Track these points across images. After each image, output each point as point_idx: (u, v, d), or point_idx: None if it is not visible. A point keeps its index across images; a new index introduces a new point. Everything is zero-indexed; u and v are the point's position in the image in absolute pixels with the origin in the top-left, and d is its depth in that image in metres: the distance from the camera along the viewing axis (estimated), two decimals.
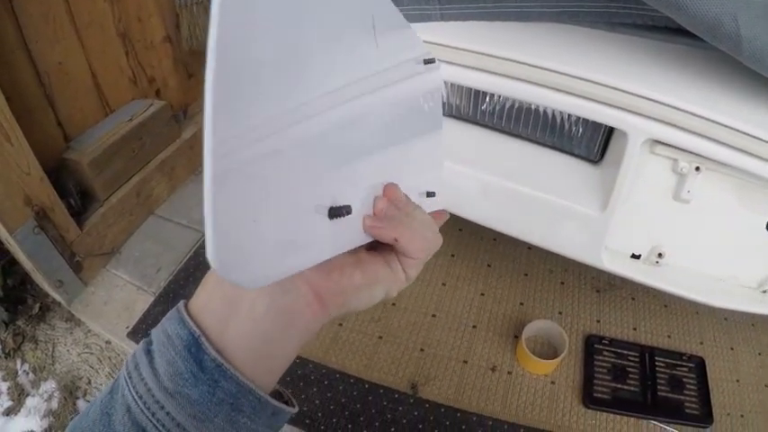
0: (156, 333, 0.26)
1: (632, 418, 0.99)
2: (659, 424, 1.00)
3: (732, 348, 1.16)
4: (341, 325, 1.08)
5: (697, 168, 0.75)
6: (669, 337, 1.13)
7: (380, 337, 1.07)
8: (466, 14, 0.82)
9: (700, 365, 1.09)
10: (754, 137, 0.69)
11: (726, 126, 0.69)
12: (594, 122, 0.79)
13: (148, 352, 0.25)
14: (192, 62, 1.52)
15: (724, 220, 0.80)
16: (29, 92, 1.14)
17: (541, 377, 1.03)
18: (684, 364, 1.09)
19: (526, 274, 1.24)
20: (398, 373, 1.02)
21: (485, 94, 0.85)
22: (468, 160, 0.85)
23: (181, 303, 0.26)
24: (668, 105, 0.70)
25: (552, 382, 1.02)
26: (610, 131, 0.79)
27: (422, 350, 1.06)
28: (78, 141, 1.28)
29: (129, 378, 0.25)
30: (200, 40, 1.43)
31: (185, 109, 1.53)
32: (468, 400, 0.99)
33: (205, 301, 0.26)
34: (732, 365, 1.14)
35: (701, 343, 1.14)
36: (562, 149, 0.84)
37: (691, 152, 0.74)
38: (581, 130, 0.81)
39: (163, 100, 1.42)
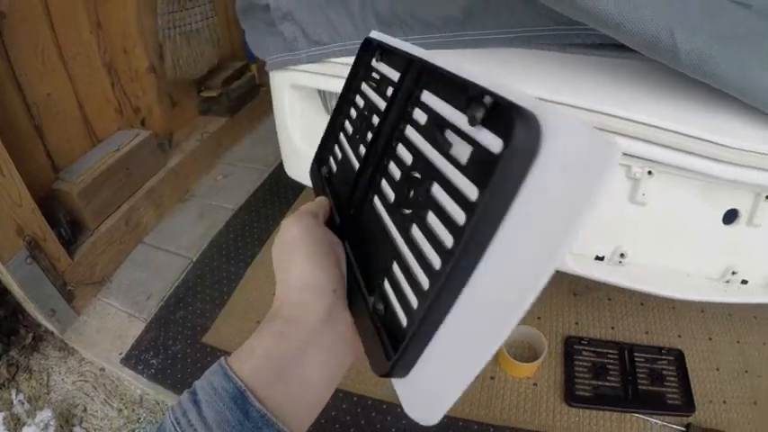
0: (200, 385, 0.29)
1: (615, 413, 1.02)
2: (642, 416, 1.03)
3: (710, 339, 1.20)
4: None
5: (649, 172, 0.80)
6: (647, 333, 1.17)
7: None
8: (427, 44, 0.87)
9: (679, 357, 1.13)
10: (700, 138, 0.74)
11: (672, 131, 0.74)
12: None
13: (195, 402, 0.28)
14: (175, 91, 1.56)
15: (681, 217, 0.84)
16: (18, 123, 1.18)
17: (524, 380, 1.07)
18: (663, 357, 1.12)
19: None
20: (386, 385, 1.05)
21: None
22: None
23: (222, 360, 0.30)
24: (617, 117, 0.75)
25: (534, 384, 1.06)
26: None
27: None
28: (67, 172, 1.32)
29: (178, 424, 0.28)
30: (183, 70, 1.48)
31: (170, 137, 1.57)
32: (454, 406, 1.01)
33: (256, 367, 0.29)
34: (711, 355, 1.17)
35: (679, 336, 1.18)
36: None
37: (642, 158, 0.78)
38: None
39: (148, 129, 1.46)
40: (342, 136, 0.45)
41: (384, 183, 0.34)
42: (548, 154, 0.22)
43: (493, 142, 0.23)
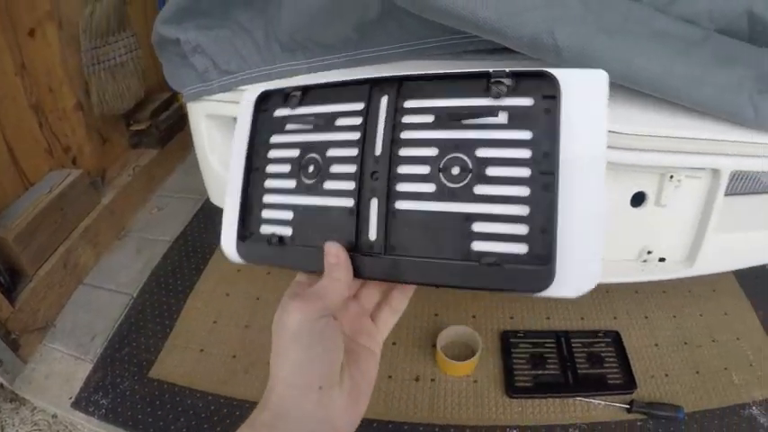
0: None
1: (557, 399, 1.06)
2: (584, 399, 1.06)
3: (646, 317, 1.25)
4: (269, 363, 1.12)
5: None
6: (583, 319, 1.21)
7: None
8: (329, 65, 0.90)
9: (616, 339, 1.17)
10: None
11: None
12: None
13: None
14: (105, 127, 1.54)
15: None
16: None
17: (464, 378, 1.09)
18: (601, 340, 1.16)
19: (437, 287, 1.28)
20: None
21: None
22: None
23: None
24: None
25: (475, 381, 1.08)
26: None
27: None
28: (1, 218, 1.29)
29: None
30: (110, 105, 1.46)
31: (103, 174, 1.55)
32: (397, 411, 1.04)
33: None
34: (649, 332, 1.22)
35: (615, 318, 1.22)
36: None
37: None
38: None
39: (79, 168, 1.44)
40: (275, 198, 0.42)
41: (407, 185, 0.38)
42: (567, 90, 0.34)
43: (522, 101, 0.35)
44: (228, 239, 0.43)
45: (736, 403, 1.12)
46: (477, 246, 0.36)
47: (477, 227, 0.36)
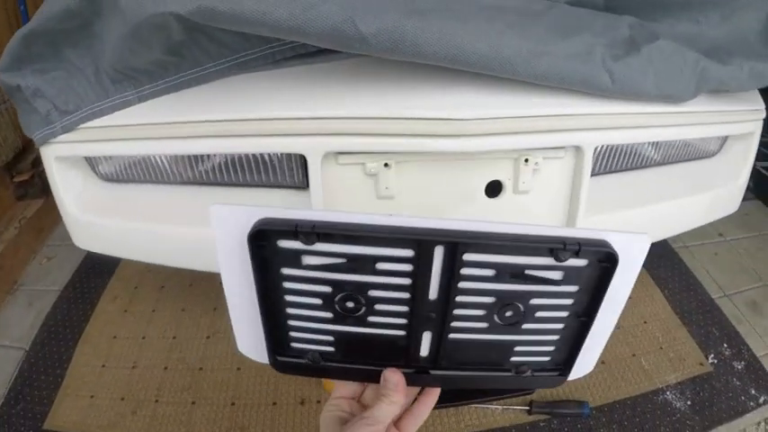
0: None
1: (451, 408, 1.02)
2: (480, 405, 1.02)
3: None
4: (157, 401, 1.08)
5: (386, 165, 0.79)
6: None
7: (193, 403, 1.08)
8: (157, 91, 0.88)
9: None
10: (430, 119, 0.72)
11: (395, 118, 0.73)
12: (287, 153, 0.84)
13: None
14: None
15: (438, 202, 0.83)
16: None
17: None
18: None
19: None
20: None
21: (201, 156, 0.89)
22: (196, 219, 0.88)
23: None
24: (332, 118, 0.74)
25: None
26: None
27: (233, 404, 1.07)
28: None
29: None
30: None
31: None
32: None
33: None
34: None
35: None
36: (278, 185, 0.89)
37: (372, 152, 0.77)
38: (284, 163, 0.86)
39: None
40: (308, 324, 0.43)
41: (461, 323, 0.42)
42: (621, 261, 0.38)
43: (577, 263, 0.39)
44: (253, 349, 0.45)
45: (649, 390, 1.09)
46: (514, 359, 0.44)
47: (518, 348, 0.43)
